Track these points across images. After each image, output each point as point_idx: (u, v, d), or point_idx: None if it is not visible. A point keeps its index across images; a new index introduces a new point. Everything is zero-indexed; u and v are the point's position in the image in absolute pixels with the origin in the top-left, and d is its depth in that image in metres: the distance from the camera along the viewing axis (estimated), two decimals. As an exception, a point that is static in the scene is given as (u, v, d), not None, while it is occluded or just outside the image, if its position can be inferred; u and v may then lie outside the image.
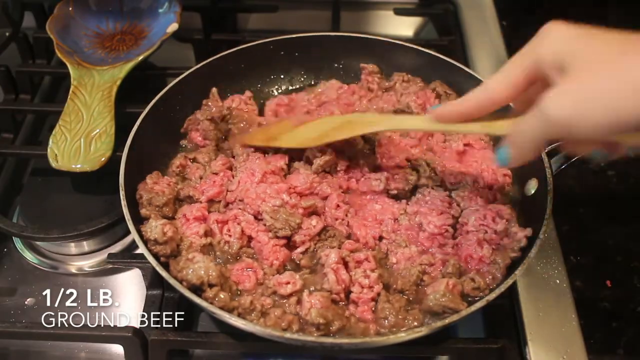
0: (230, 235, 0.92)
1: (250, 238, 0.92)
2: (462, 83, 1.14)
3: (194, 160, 1.05)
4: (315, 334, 0.79)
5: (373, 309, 0.84)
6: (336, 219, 0.94)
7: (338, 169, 1.01)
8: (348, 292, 0.85)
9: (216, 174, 1.00)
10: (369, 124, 0.95)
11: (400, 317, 0.82)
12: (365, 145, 1.05)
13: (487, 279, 0.86)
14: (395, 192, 0.99)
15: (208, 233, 0.92)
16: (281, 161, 1.01)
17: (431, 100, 1.13)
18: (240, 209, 0.95)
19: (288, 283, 0.84)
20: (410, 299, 0.86)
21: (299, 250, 0.91)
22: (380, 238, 0.94)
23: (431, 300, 0.82)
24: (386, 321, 0.82)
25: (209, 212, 0.96)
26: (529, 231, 0.89)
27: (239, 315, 0.81)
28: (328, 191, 0.96)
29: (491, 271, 0.87)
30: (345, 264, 0.87)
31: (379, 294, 0.85)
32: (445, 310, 0.81)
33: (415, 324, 0.82)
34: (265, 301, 0.82)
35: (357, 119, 1.00)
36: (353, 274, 0.86)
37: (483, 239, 0.90)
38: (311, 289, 0.85)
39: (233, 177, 1.00)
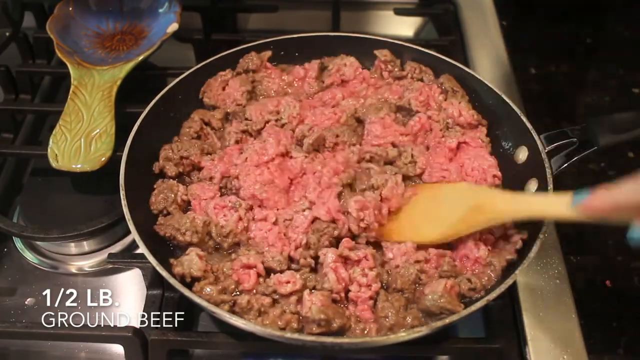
0: (226, 220, 0.93)
1: (248, 228, 0.93)
2: (462, 81, 1.14)
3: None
4: (315, 330, 0.79)
5: (372, 308, 0.84)
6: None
7: (326, 145, 1.03)
8: (348, 292, 0.85)
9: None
10: (497, 213, 0.85)
11: (400, 316, 0.82)
12: (358, 127, 1.08)
13: (483, 280, 0.86)
14: (368, 157, 1.01)
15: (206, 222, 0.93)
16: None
17: (435, 97, 1.12)
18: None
19: (288, 282, 0.84)
20: (409, 297, 0.86)
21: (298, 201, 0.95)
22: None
23: (429, 301, 0.82)
24: (386, 320, 0.82)
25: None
26: (525, 234, 0.89)
27: (231, 310, 0.81)
28: (319, 168, 0.98)
29: (487, 272, 0.87)
30: (345, 261, 0.87)
31: (377, 293, 0.85)
32: (442, 312, 0.81)
33: (415, 323, 0.82)
34: (264, 300, 0.83)
35: (483, 201, 0.87)
36: (352, 272, 0.86)
37: (479, 239, 0.90)
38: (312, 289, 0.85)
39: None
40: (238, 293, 0.85)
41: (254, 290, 0.85)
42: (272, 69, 1.20)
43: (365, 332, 0.82)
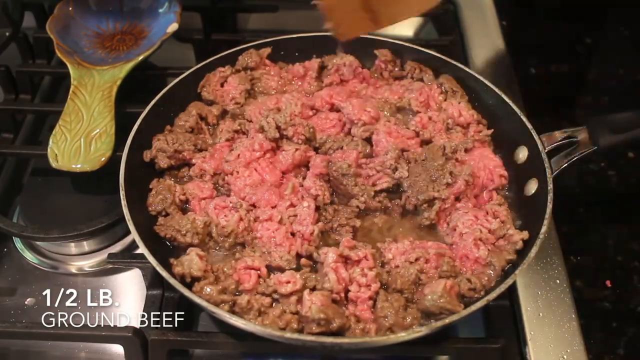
0: (227, 220, 0.93)
1: (250, 229, 0.93)
2: (462, 81, 1.14)
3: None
4: (315, 330, 0.79)
5: (372, 308, 0.84)
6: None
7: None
8: (347, 292, 0.85)
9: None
10: None
11: (399, 316, 0.82)
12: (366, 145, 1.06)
13: (483, 280, 0.86)
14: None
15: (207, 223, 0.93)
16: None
17: (435, 97, 1.12)
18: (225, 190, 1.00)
19: (288, 282, 0.84)
20: (408, 297, 0.86)
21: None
22: None
23: (428, 301, 0.82)
24: (386, 320, 0.82)
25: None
26: (525, 234, 0.89)
27: (231, 311, 0.81)
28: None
29: (487, 272, 0.87)
30: (345, 261, 0.87)
31: (377, 293, 0.85)
32: (442, 312, 0.81)
33: (415, 323, 0.82)
34: (264, 300, 0.83)
35: None
36: (351, 272, 0.86)
37: (479, 238, 0.90)
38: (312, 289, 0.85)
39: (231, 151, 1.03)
40: (238, 293, 0.85)
41: (254, 290, 0.85)
42: (271, 66, 1.21)
43: (365, 332, 0.82)
